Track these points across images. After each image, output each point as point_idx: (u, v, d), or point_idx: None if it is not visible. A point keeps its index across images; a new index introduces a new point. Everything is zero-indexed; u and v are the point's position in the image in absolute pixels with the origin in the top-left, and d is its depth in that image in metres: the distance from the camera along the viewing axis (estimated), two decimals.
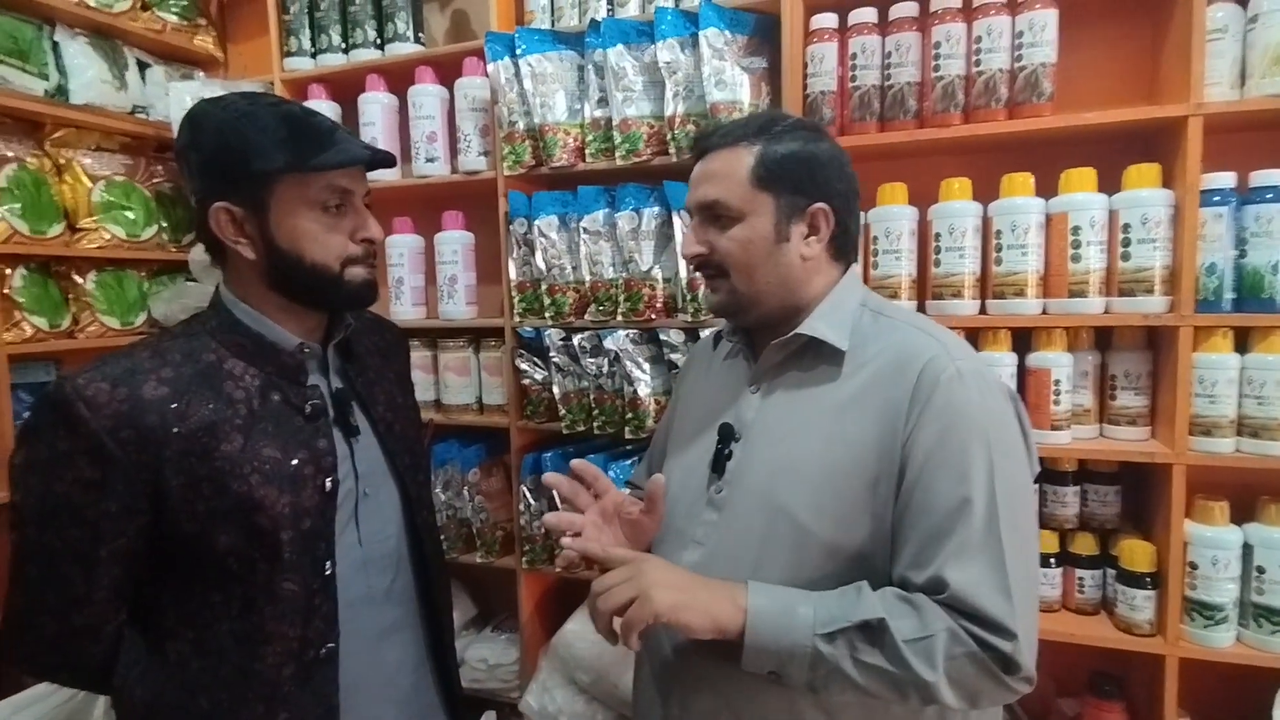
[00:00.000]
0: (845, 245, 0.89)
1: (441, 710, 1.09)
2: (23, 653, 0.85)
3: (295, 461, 0.87)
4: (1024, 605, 0.73)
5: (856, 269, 0.92)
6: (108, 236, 1.92)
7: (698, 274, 0.91)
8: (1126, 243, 1.26)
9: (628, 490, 1.09)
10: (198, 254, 1.98)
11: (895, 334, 0.84)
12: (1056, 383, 1.32)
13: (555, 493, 0.92)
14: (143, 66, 2.06)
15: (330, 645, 0.90)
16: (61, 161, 1.87)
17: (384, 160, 0.90)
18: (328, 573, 0.89)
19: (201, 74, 2.20)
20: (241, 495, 0.83)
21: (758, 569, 0.80)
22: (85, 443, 0.78)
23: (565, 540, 0.84)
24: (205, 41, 2.18)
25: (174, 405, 0.82)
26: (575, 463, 0.91)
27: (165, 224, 2.08)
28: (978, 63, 1.32)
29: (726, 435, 0.89)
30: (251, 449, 0.84)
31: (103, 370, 0.81)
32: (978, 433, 0.76)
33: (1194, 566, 1.27)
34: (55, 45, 1.83)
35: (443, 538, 1.52)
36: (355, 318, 1.00)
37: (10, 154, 1.75)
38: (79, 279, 1.90)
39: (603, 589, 0.76)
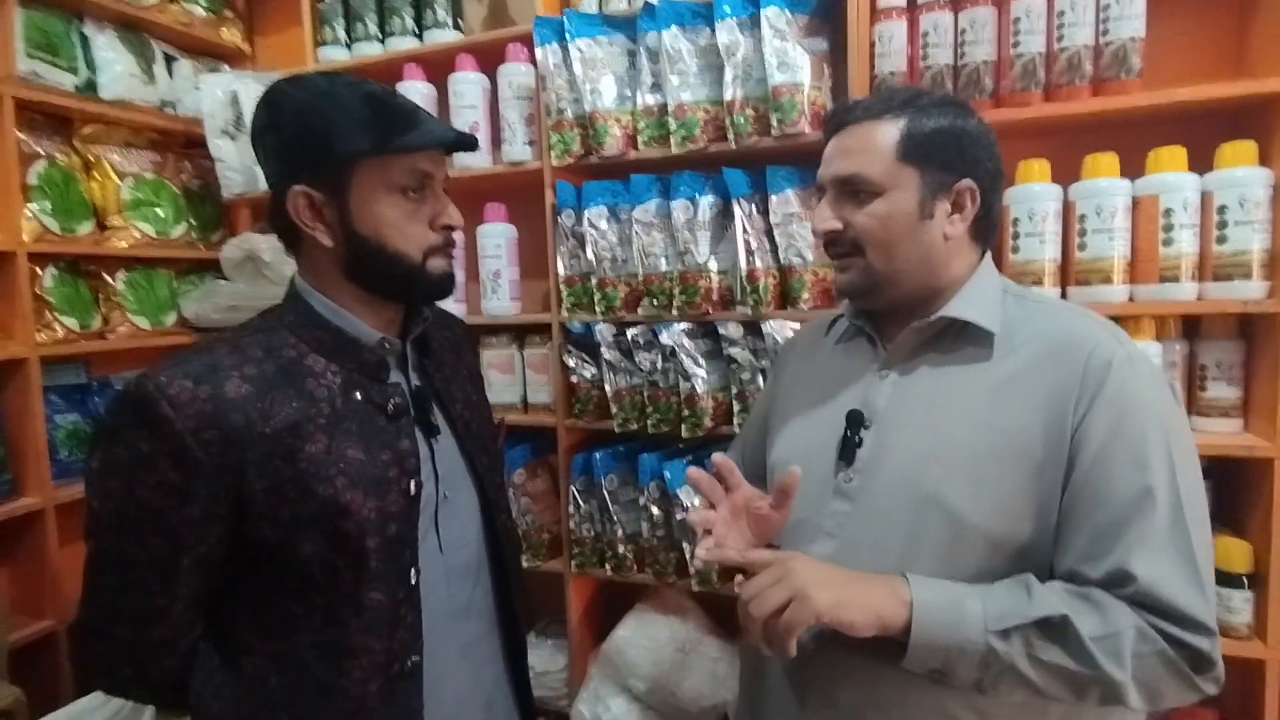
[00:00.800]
0: (987, 227, 0.84)
1: None
2: (98, 666, 0.80)
3: (380, 463, 0.82)
4: (1212, 601, 0.69)
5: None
6: (137, 235, 1.88)
7: (829, 252, 0.87)
8: (1223, 225, 1.20)
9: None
10: (230, 252, 1.93)
11: (1051, 318, 0.80)
12: None
13: (696, 489, 0.86)
14: (170, 60, 2.01)
15: (415, 658, 0.84)
16: (91, 158, 1.82)
17: (468, 142, 0.85)
18: (413, 581, 0.84)
19: (228, 67, 2.15)
20: (327, 499, 0.77)
21: (904, 562, 0.75)
22: (168, 444, 0.73)
23: (700, 552, 0.78)
24: (233, 34, 2.13)
25: (258, 404, 0.76)
26: (716, 457, 0.86)
27: (194, 221, 2.04)
28: (1060, 38, 1.25)
29: (856, 421, 0.83)
30: (336, 450, 0.79)
31: (183, 368, 0.75)
32: (1155, 421, 0.71)
33: None
34: (85, 39, 1.78)
35: None
36: (429, 311, 0.95)
37: (41, 151, 1.70)
38: (109, 278, 1.86)
39: (754, 593, 0.70)
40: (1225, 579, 1.25)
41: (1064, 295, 1.31)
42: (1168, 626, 0.67)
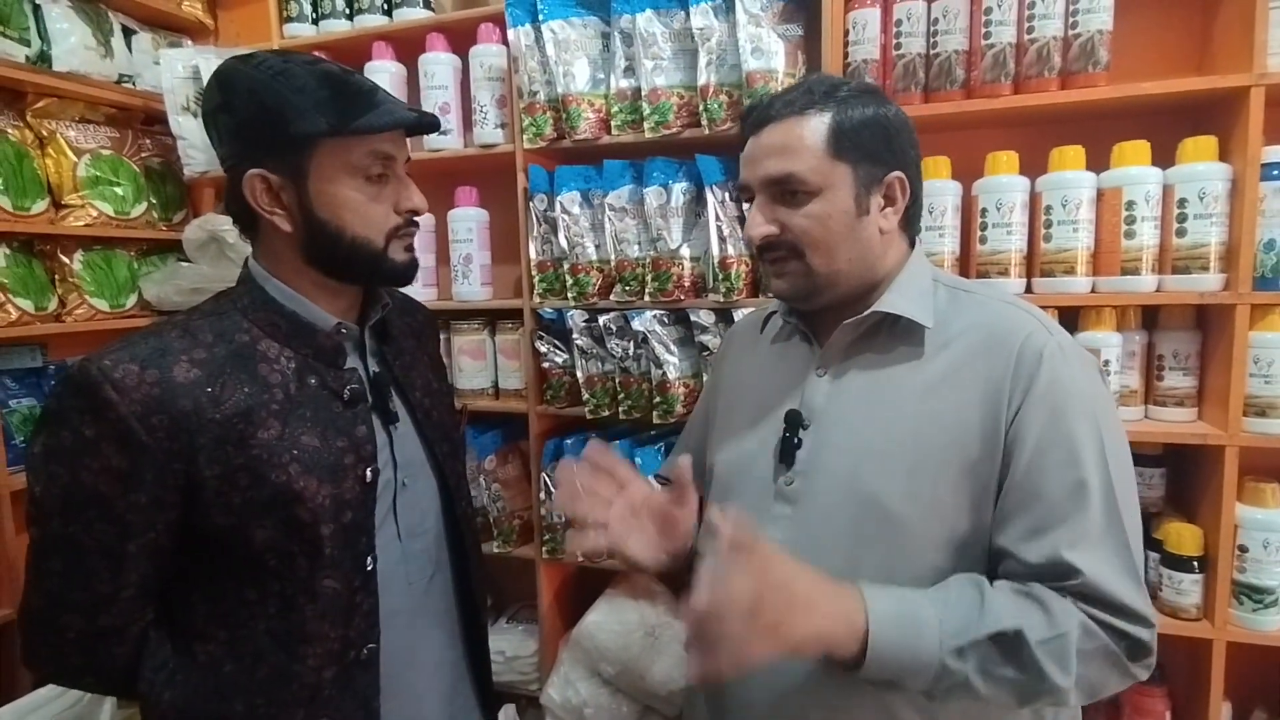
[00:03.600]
0: (915, 217, 0.84)
1: (478, 708, 1.04)
2: (45, 654, 0.79)
3: (335, 450, 0.80)
4: (1144, 587, 0.70)
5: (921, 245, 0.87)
6: (95, 214, 1.81)
7: (763, 257, 0.83)
8: (1182, 218, 1.22)
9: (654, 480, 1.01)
10: (192, 232, 1.88)
11: (982, 309, 0.80)
12: (1106, 363, 1.28)
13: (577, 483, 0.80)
14: (128, 33, 1.94)
15: (371, 645, 0.84)
16: (44, 133, 1.75)
17: (430, 123, 0.83)
18: (369, 569, 0.83)
19: (189, 41, 2.08)
20: (280, 486, 0.76)
21: (849, 561, 0.75)
22: (113, 429, 0.71)
23: (584, 544, 0.74)
24: (194, 7, 2.06)
25: (208, 389, 0.75)
26: (590, 449, 0.82)
27: (155, 201, 1.97)
28: (1030, 29, 1.26)
29: (794, 422, 0.82)
30: (290, 436, 0.78)
31: (130, 350, 0.73)
32: (1087, 412, 0.72)
33: (1243, 550, 1.25)
34: (36, 9, 1.71)
35: None
36: (388, 296, 0.94)
37: None
38: (65, 259, 1.79)
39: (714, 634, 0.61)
40: (1176, 562, 1.29)
41: (1029, 286, 1.34)
42: (1110, 619, 0.67)
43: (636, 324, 1.51)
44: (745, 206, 1.41)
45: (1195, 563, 1.28)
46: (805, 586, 0.66)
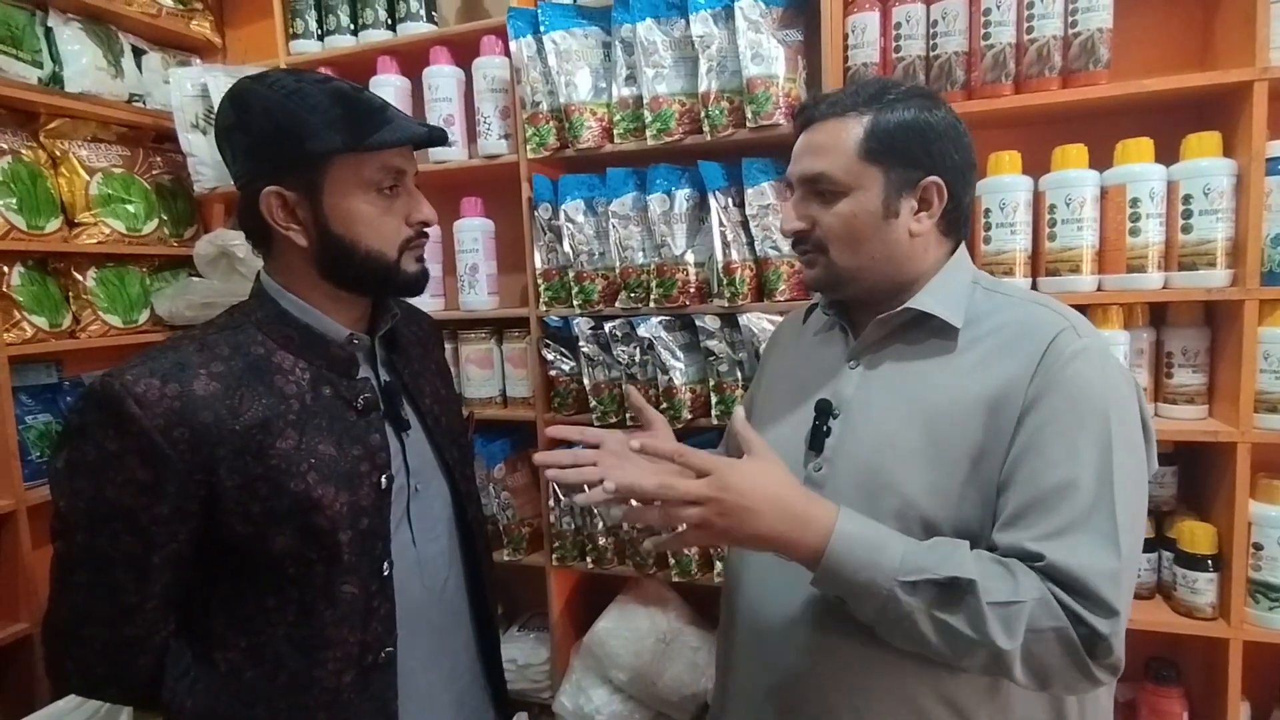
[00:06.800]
0: (957, 220, 0.84)
1: (492, 712, 1.05)
2: (71, 666, 0.80)
3: (351, 458, 0.82)
4: (1127, 591, 0.68)
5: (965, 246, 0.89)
6: (107, 231, 1.84)
7: (795, 249, 0.88)
8: (1188, 214, 1.22)
9: None
10: (203, 248, 1.90)
11: (1016, 310, 0.81)
12: None
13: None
14: (138, 53, 1.97)
15: (389, 649, 0.85)
16: (57, 153, 1.79)
17: (440, 138, 0.85)
18: (386, 574, 0.84)
19: (198, 60, 2.11)
20: (299, 494, 0.78)
21: None
22: (136, 442, 0.73)
23: (597, 489, 0.75)
24: (202, 26, 2.09)
25: (227, 401, 0.76)
26: (551, 431, 0.88)
27: (166, 217, 2.00)
28: (1030, 29, 1.26)
29: (824, 411, 0.84)
30: (307, 446, 0.79)
31: (150, 365, 0.75)
32: (1097, 413, 0.72)
33: (1258, 547, 1.24)
34: (48, 31, 1.75)
35: None
36: (396, 307, 0.95)
37: (4, 146, 1.67)
38: (79, 276, 1.82)
39: (673, 493, 0.69)
40: (1190, 561, 1.28)
41: (1034, 285, 1.33)
42: (1071, 602, 0.66)
43: (642, 330, 1.51)
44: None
45: (1209, 561, 1.27)
46: (759, 492, 0.70)
